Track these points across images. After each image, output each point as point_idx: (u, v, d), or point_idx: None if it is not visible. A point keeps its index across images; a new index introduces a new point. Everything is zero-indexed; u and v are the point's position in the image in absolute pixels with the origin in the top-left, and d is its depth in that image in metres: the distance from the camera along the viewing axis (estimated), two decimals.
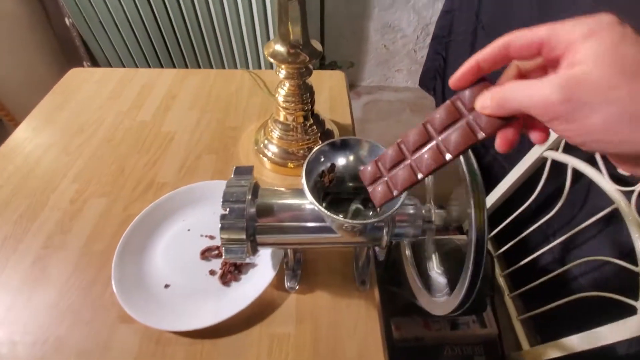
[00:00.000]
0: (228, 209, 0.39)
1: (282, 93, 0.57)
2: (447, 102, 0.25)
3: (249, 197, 0.40)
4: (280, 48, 0.50)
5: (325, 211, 0.34)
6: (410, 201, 0.45)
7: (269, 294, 0.48)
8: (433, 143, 0.25)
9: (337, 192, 0.43)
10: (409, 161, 0.27)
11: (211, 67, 1.58)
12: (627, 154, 0.18)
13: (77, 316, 0.47)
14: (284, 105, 0.59)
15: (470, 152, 0.35)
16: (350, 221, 0.35)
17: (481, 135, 0.23)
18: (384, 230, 0.42)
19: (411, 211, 0.44)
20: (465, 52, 1.25)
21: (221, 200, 0.39)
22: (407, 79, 2.10)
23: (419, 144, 0.26)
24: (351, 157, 0.42)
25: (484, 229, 0.33)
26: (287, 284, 0.48)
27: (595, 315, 0.71)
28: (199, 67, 1.58)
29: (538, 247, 0.83)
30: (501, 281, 0.87)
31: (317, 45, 0.52)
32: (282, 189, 0.45)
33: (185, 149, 0.67)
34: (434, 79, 1.61)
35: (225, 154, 0.67)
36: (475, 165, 0.36)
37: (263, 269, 0.49)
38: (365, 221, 0.35)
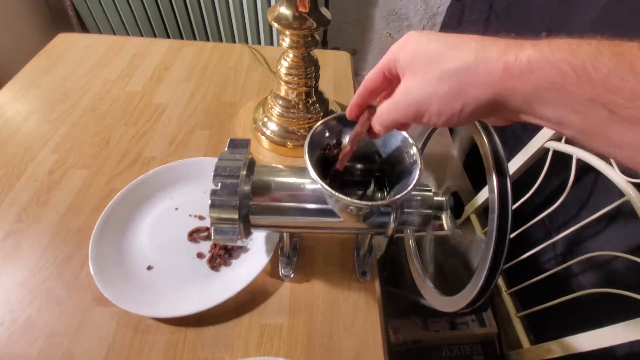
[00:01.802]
0: (220, 184, 0.34)
1: (284, 65, 0.53)
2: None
3: (244, 172, 0.36)
4: (285, 11, 0.45)
5: (329, 189, 0.30)
6: (421, 187, 0.41)
7: (261, 282, 0.44)
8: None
9: (342, 174, 0.38)
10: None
11: (208, 40, 1.51)
12: (468, 118, 0.23)
13: (49, 296, 0.43)
14: (286, 79, 0.54)
15: (490, 127, 0.33)
16: (356, 202, 0.31)
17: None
18: (391, 217, 0.38)
19: (421, 197, 0.40)
20: None
21: (212, 174, 0.35)
22: None
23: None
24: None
25: (507, 202, 0.29)
26: (281, 272, 0.44)
27: (597, 315, 0.69)
28: (195, 39, 1.51)
29: (539, 244, 0.80)
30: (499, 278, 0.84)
31: (325, 12, 0.48)
32: (280, 166, 0.40)
33: (177, 122, 0.62)
34: None
35: (220, 130, 0.62)
36: (495, 136, 0.33)
37: (256, 254, 0.45)
38: (372, 203, 0.31)
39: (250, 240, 0.44)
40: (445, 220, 0.40)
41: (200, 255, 0.45)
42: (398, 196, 0.31)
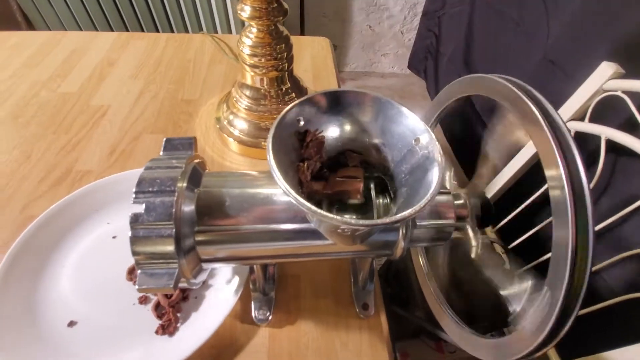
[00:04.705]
0: (145, 205, 0.23)
1: (247, 43, 0.42)
2: None
3: (183, 184, 0.24)
4: None
5: (308, 205, 0.19)
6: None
7: (227, 330, 0.33)
8: None
9: (331, 171, 0.28)
10: None
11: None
12: None
13: None
14: (251, 62, 0.43)
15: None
16: (349, 221, 0.20)
17: None
18: (400, 233, 0.27)
19: (437, 203, 0.29)
20: (462, 24, 1.11)
21: (134, 191, 0.23)
22: (393, 64, 1.97)
23: None
24: (348, 124, 0.28)
25: (585, 198, 0.20)
26: (254, 314, 0.33)
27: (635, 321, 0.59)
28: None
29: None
30: None
31: None
32: (243, 172, 0.29)
33: (120, 127, 0.50)
34: (425, 59, 1.48)
35: (175, 133, 0.51)
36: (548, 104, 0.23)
37: (219, 292, 0.34)
38: (373, 222, 0.20)
39: (203, 280, 0.33)
40: (472, 231, 0.30)
41: (143, 300, 0.34)
42: (409, 211, 0.20)
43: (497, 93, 0.26)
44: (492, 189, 0.78)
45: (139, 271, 0.23)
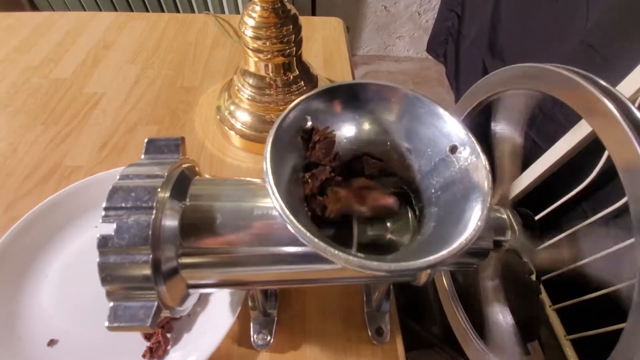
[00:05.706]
0: (116, 225, 0.19)
1: (249, 24, 0.36)
2: None
3: (165, 196, 0.20)
4: None
5: (315, 240, 0.15)
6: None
7: (223, 356, 0.29)
8: None
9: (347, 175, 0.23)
10: None
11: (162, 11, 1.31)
12: None
13: None
14: (254, 46, 0.38)
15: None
16: (371, 264, 0.15)
17: None
18: None
19: None
20: (488, 3, 1.03)
21: (103, 206, 0.19)
22: (409, 47, 1.87)
23: None
24: (365, 124, 0.23)
25: None
26: (253, 339, 0.29)
27: None
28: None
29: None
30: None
31: None
32: (238, 179, 0.25)
33: (113, 117, 0.46)
34: (445, 42, 1.39)
35: (173, 124, 0.46)
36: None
37: (215, 309, 0.30)
38: (401, 266, 0.16)
39: (192, 304, 0.29)
40: (520, 244, 0.25)
41: None
42: (447, 251, 0.15)
43: (555, 88, 0.21)
44: (515, 190, 0.73)
45: (110, 304, 0.19)
